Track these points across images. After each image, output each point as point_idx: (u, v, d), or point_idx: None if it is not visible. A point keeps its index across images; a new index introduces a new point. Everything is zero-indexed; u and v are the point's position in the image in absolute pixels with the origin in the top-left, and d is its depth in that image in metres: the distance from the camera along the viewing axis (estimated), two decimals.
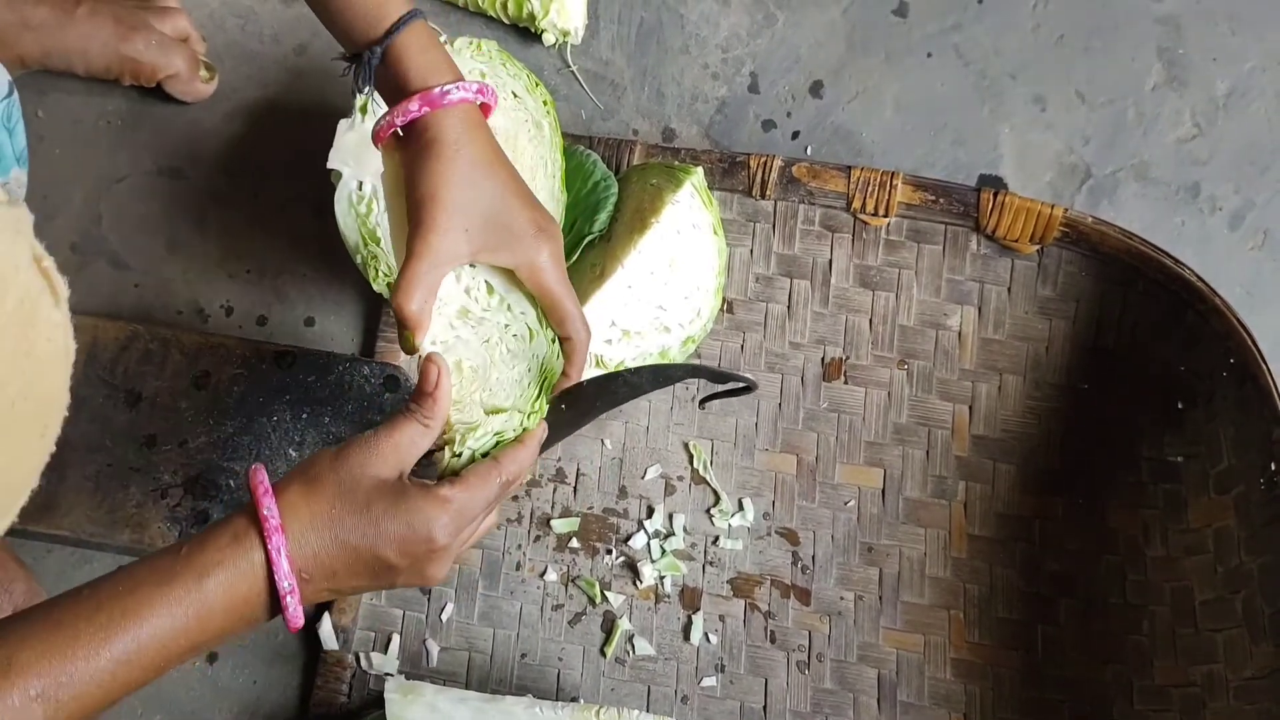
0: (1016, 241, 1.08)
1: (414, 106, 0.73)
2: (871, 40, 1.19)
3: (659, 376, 0.78)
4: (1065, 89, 1.17)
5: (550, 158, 1.00)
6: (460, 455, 0.72)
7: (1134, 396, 1.09)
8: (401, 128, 0.74)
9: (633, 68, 1.18)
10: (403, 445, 0.69)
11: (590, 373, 0.85)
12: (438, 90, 0.72)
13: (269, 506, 0.65)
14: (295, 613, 0.65)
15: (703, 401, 0.96)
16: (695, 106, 1.18)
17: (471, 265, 0.79)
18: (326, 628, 0.97)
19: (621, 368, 0.96)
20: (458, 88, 0.73)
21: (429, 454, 0.74)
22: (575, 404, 0.79)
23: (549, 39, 1.15)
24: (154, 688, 0.95)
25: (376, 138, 0.75)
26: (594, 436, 1.07)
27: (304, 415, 0.99)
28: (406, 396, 0.98)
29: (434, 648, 0.99)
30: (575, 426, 0.83)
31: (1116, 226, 1.07)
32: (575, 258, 1.01)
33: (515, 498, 1.05)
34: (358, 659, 0.98)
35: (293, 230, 1.14)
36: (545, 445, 0.81)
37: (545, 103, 1.00)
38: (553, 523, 1.03)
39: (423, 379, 0.72)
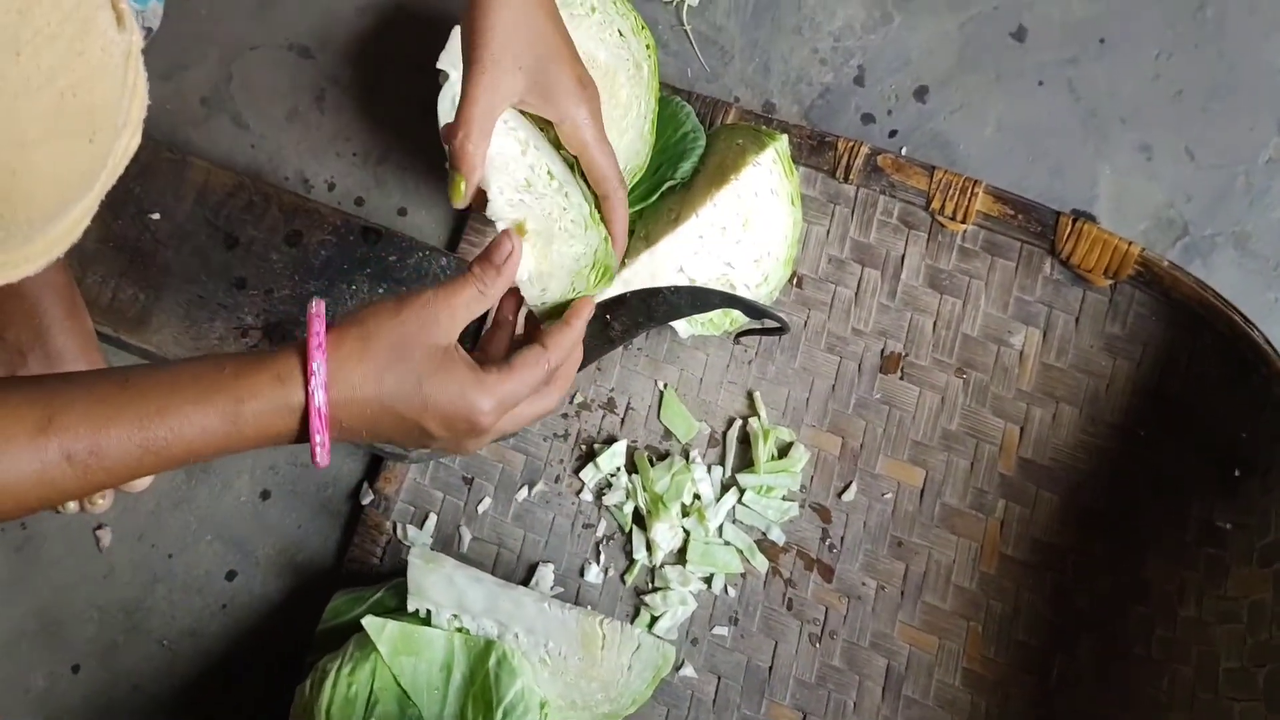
0: (1090, 272, 1.12)
1: None
2: (984, 57, 1.25)
3: (697, 299, 0.85)
4: (1175, 143, 1.22)
5: (644, 99, 1.08)
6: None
7: (1191, 453, 1.10)
8: None
9: (744, 38, 1.26)
10: (458, 310, 0.74)
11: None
12: None
13: (319, 362, 0.69)
14: (322, 458, 0.71)
15: (737, 336, 1.03)
16: (799, 87, 1.25)
17: (525, 145, 0.84)
18: (368, 495, 1.08)
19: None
20: None
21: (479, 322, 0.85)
22: (618, 315, 0.86)
23: None
24: (208, 510, 1.14)
25: None
26: (648, 375, 1.14)
27: (380, 290, 1.12)
28: None
29: (466, 535, 1.10)
30: (616, 342, 0.88)
31: (1191, 275, 1.09)
32: (654, 199, 1.09)
33: (565, 414, 1.12)
34: (395, 528, 1.10)
35: (401, 124, 1.26)
36: (588, 359, 0.87)
37: (648, 46, 1.08)
38: (596, 449, 1.11)
39: (494, 248, 0.76)
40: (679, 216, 1.07)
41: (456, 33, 1.07)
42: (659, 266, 1.06)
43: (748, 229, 1.07)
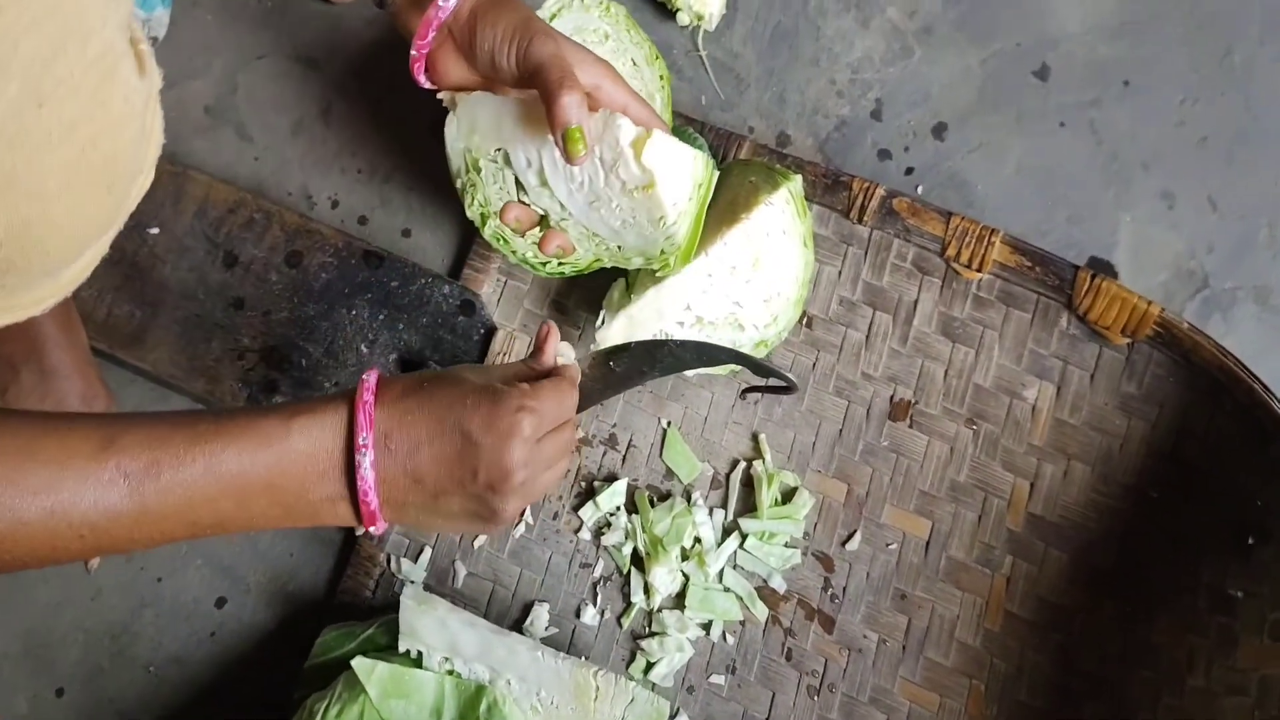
0: (1108, 329, 1.12)
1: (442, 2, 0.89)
2: (1005, 96, 1.25)
3: (703, 354, 0.86)
4: (1198, 192, 1.22)
5: None
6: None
7: (1204, 518, 1.09)
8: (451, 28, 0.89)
9: (760, 66, 1.26)
10: (500, 368, 0.82)
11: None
12: None
13: (369, 376, 0.76)
14: (367, 474, 0.71)
15: (744, 392, 1.04)
16: (815, 119, 1.25)
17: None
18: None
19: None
20: None
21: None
22: (621, 362, 0.87)
23: (683, 19, 1.25)
24: (201, 542, 1.12)
25: (425, 69, 0.92)
26: (652, 412, 1.14)
27: (381, 316, 1.12)
28: (480, 321, 1.13)
29: (461, 570, 1.10)
30: (618, 389, 0.89)
31: (1211, 339, 1.09)
32: None
33: None
34: (388, 560, 1.10)
35: (407, 143, 1.26)
36: (589, 401, 0.89)
37: (661, 77, 1.09)
38: (596, 486, 1.11)
39: (539, 352, 0.84)
40: None
41: None
42: (665, 303, 1.05)
43: (758, 269, 1.07)
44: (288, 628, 1.13)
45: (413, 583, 1.09)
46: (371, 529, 0.76)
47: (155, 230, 1.15)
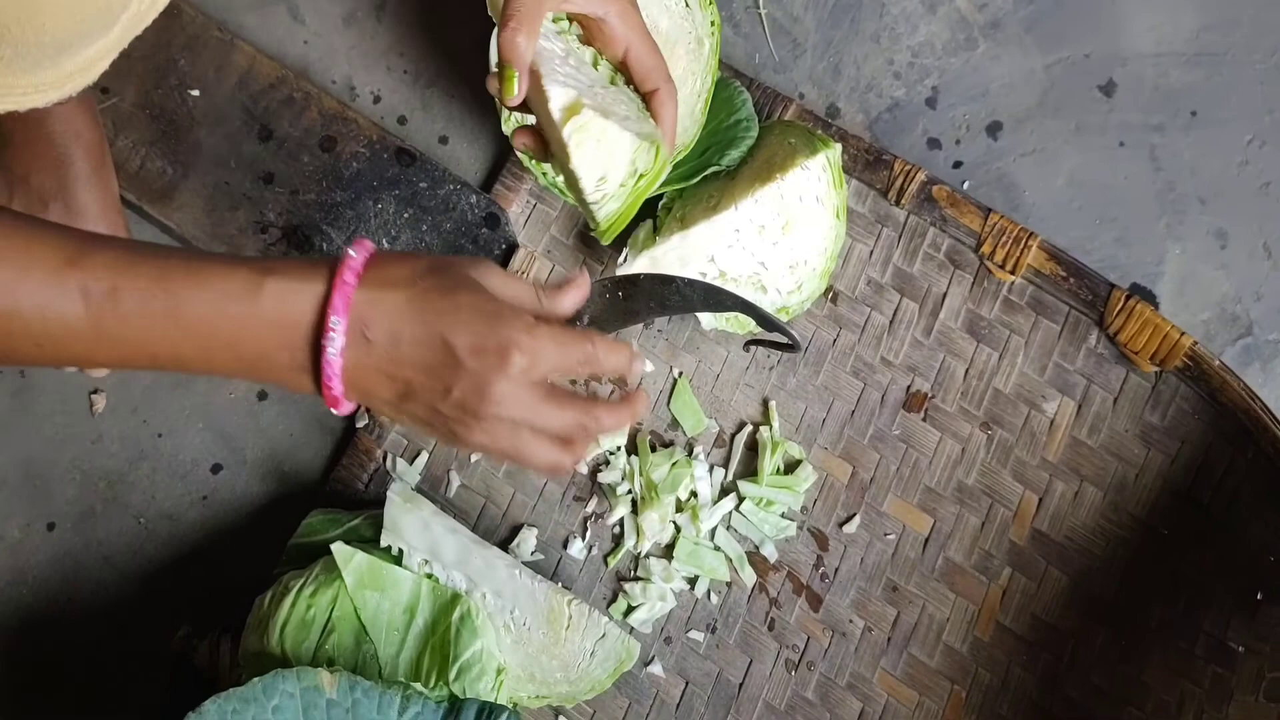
0: (1137, 354, 1.06)
1: None
2: (1066, 105, 1.20)
3: (710, 297, 0.83)
4: (1253, 237, 1.16)
5: (701, 76, 1.05)
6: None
7: (1213, 565, 1.01)
8: None
9: (819, 34, 1.21)
10: (509, 290, 0.71)
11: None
12: None
13: (358, 250, 0.68)
14: (333, 359, 0.66)
15: (747, 344, 0.98)
16: (867, 96, 1.20)
17: (568, 49, 0.83)
18: (364, 419, 1.07)
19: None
20: None
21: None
22: (630, 295, 0.82)
23: None
24: (204, 399, 1.12)
25: None
26: (665, 359, 1.08)
27: (406, 214, 1.09)
28: (503, 236, 1.06)
29: (455, 480, 1.06)
30: (622, 322, 0.84)
31: (1241, 380, 1.01)
32: (696, 181, 1.03)
33: (573, 381, 1.08)
34: (385, 457, 1.06)
35: (456, 50, 1.21)
36: (600, 329, 0.80)
37: (713, 23, 1.04)
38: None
39: (574, 279, 0.76)
40: (718, 204, 1.02)
41: None
42: (690, 250, 1.01)
43: (787, 233, 1.02)
44: (277, 505, 1.10)
45: (405, 482, 1.04)
46: (334, 410, 0.69)
47: (196, 93, 1.13)
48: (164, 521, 1.10)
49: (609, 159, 0.87)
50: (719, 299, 0.83)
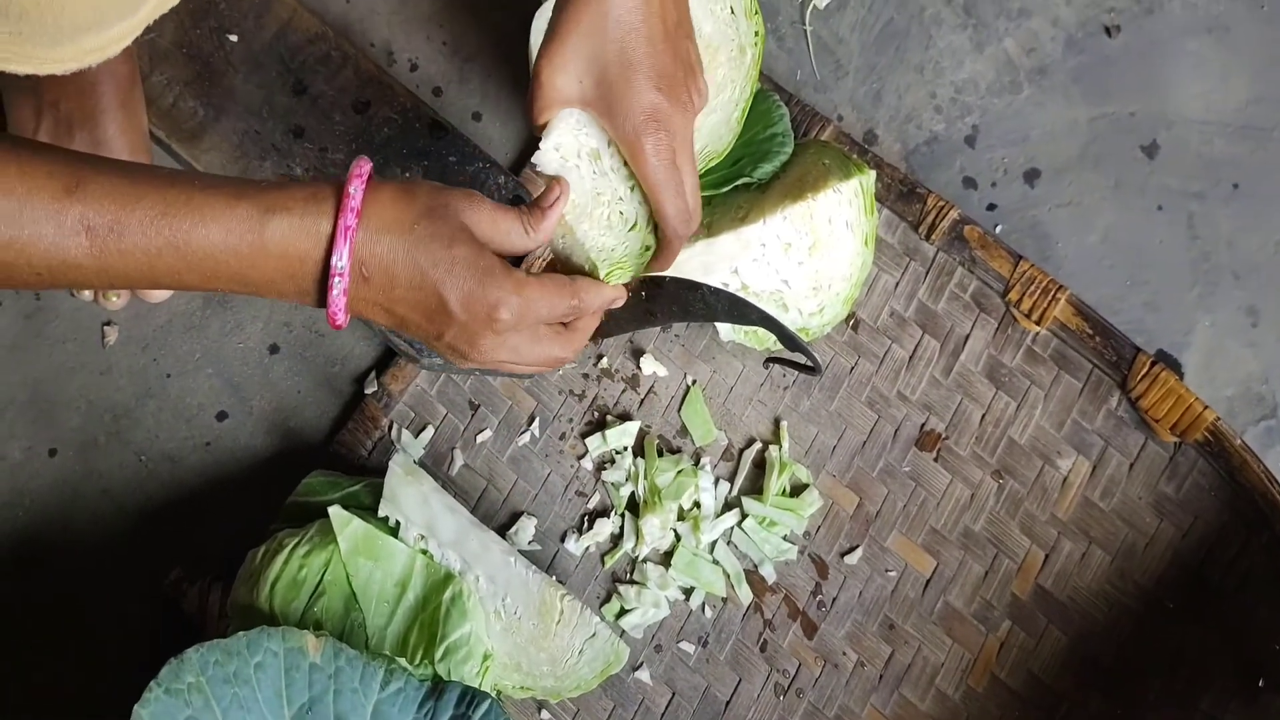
0: (1157, 422, 1.09)
1: None
2: (1107, 161, 1.25)
3: (734, 309, 0.88)
4: None
5: (740, 85, 1.08)
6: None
7: (1217, 644, 1.03)
8: None
9: (863, 58, 1.26)
10: (500, 227, 0.78)
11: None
12: None
13: (356, 188, 0.72)
14: (338, 300, 0.73)
15: (767, 361, 1.03)
16: (906, 127, 1.25)
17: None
18: (373, 385, 1.12)
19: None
20: None
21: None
22: (653, 296, 0.86)
23: None
24: (216, 345, 1.18)
25: None
26: (680, 365, 1.12)
27: None
28: None
29: (459, 459, 1.10)
30: (644, 323, 0.88)
31: (1261, 462, 1.04)
32: (725, 191, 1.07)
33: (585, 374, 1.12)
34: (390, 427, 1.10)
35: (498, 28, 1.26)
36: (620, 328, 0.87)
37: (757, 33, 1.06)
38: (608, 420, 1.11)
39: (544, 193, 0.81)
40: (747, 216, 1.07)
41: None
42: (714, 259, 1.04)
43: (813, 254, 1.07)
44: (279, 460, 1.14)
45: (408, 454, 1.07)
46: (332, 326, 0.76)
47: (234, 38, 1.17)
48: (165, 462, 1.15)
49: (572, 248, 0.89)
50: (744, 311, 0.87)
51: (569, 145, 0.85)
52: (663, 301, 0.88)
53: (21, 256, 0.67)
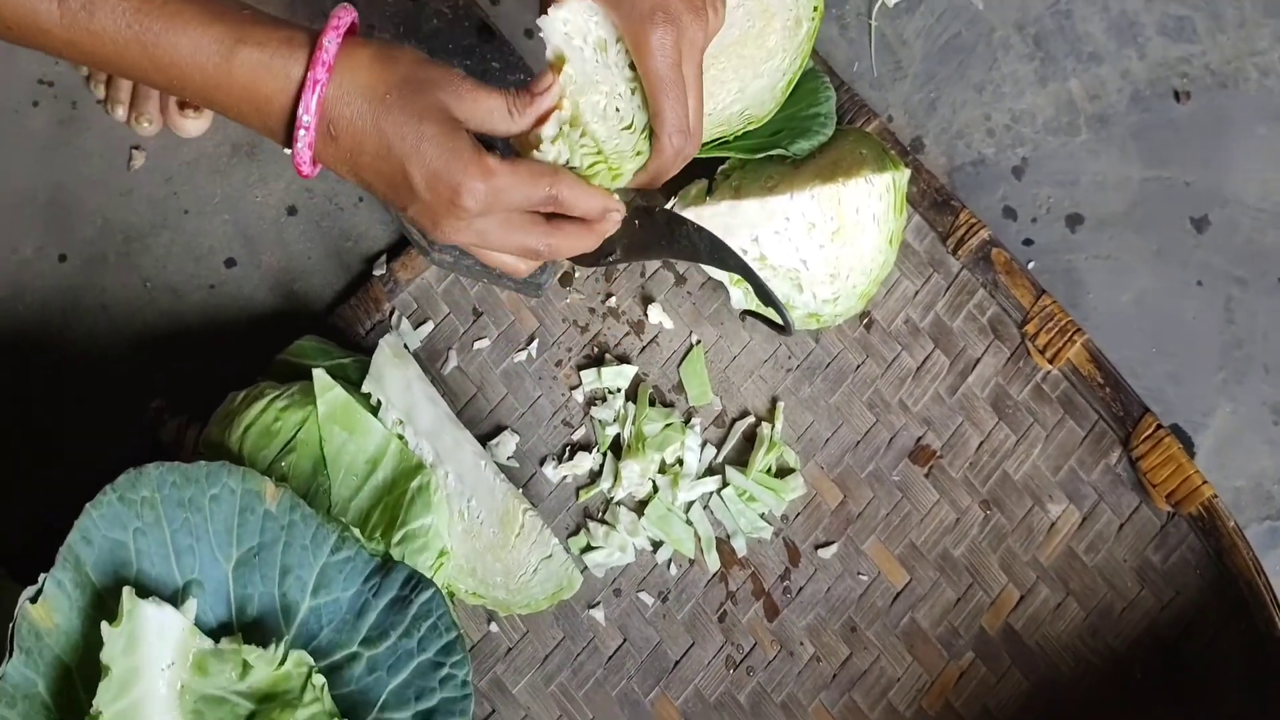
0: (1155, 486, 1.13)
1: None
2: (1153, 224, 1.30)
3: (716, 251, 0.90)
4: None
5: (790, 57, 1.11)
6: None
7: None
8: None
9: (923, 64, 1.32)
10: (480, 105, 0.78)
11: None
12: None
13: (331, 40, 0.74)
14: (303, 152, 0.76)
15: (743, 314, 1.07)
16: (955, 143, 1.30)
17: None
18: (382, 268, 1.17)
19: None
20: None
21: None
22: (645, 226, 0.90)
23: None
24: (237, 193, 1.24)
25: None
26: (687, 322, 1.16)
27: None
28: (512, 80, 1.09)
29: (454, 359, 1.14)
30: (637, 254, 0.92)
31: (1252, 549, 1.08)
32: (759, 158, 1.12)
33: (591, 309, 1.17)
34: (391, 313, 1.14)
35: None
36: (602, 254, 0.90)
37: (815, 8, 1.10)
38: (606, 358, 1.16)
39: (538, 78, 0.82)
40: (775, 188, 1.11)
41: None
42: (737, 222, 1.09)
43: (835, 240, 1.11)
44: (277, 319, 1.20)
45: (400, 337, 1.13)
46: (299, 174, 0.79)
47: None
48: (168, 294, 1.22)
49: (562, 136, 0.90)
50: (723, 257, 0.90)
51: (577, 24, 0.86)
52: (652, 231, 0.90)
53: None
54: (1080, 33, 1.33)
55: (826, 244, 1.11)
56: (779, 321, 0.93)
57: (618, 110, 0.89)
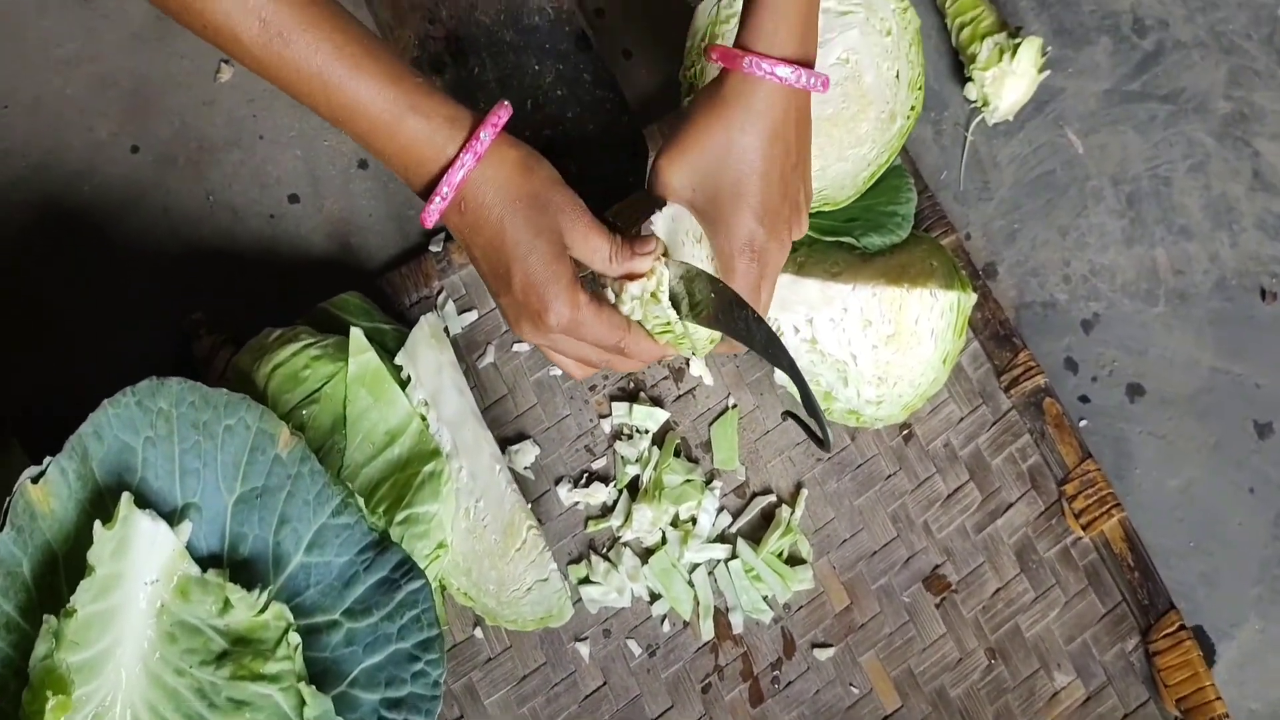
0: (1166, 687, 1.16)
1: (714, 56, 0.96)
2: (1215, 416, 1.40)
3: (770, 345, 0.95)
4: None
5: (879, 149, 1.20)
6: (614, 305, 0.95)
7: None
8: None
9: (1011, 191, 1.40)
10: (588, 243, 0.93)
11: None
12: (747, 61, 0.93)
13: (488, 134, 0.89)
14: (431, 212, 0.90)
15: (785, 414, 1.11)
16: (1029, 279, 1.37)
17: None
18: (439, 245, 1.25)
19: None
20: (769, 67, 0.93)
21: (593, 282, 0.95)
22: (702, 292, 0.98)
23: (970, 93, 1.37)
24: (313, 132, 1.36)
25: (707, 51, 0.98)
26: (727, 385, 1.22)
27: (558, 93, 1.32)
28: (636, 169, 1.24)
29: (491, 354, 1.20)
30: (689, 313, 1.00)
31: None
32: (828, 243, 1.19)
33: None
34: (439, 293, 1.21)
35: None
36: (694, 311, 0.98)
37: (913, 107, 1.18)
38: (641, 396, 1.22)
39: (644, 240, 0.97)
40: (839, 275, 1.17)
41: None
42: (794, 298, 1.15)
43: (889, 344, 1.16)
44: (328, 266, 1.28)
45: (442, 319, 1.17)
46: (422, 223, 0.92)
47: None
48: (228, 212, 1.29)
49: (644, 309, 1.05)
50: (777, 354, 0.95)
51: (684, 220, 1.01)
52: (706, 298, 0.99)
53: (201, 18, 0.88)
54: (1176, 203, 1.42)
55: (880, 345, 1.17)
56: (818, 434, 0.97)
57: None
